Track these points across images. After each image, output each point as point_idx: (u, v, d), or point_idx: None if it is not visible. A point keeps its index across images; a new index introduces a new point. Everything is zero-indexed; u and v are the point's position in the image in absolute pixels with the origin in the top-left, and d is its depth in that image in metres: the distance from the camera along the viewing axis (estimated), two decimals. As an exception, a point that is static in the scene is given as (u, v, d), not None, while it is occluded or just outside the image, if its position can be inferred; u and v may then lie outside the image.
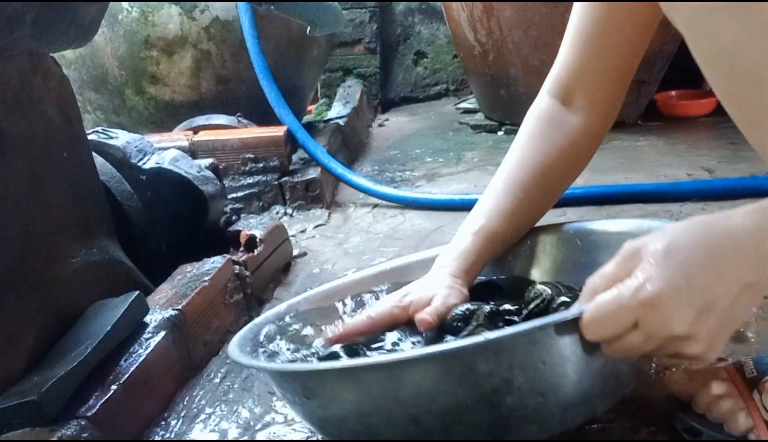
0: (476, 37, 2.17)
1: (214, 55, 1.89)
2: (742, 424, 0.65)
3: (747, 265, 0.55)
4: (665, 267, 0.55)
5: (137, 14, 1.86)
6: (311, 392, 0.64)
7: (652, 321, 0.55)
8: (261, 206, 1.63)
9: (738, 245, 0.56)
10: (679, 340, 0.55)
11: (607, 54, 0.80)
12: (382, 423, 0.62)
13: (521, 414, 0.60)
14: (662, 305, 0.54)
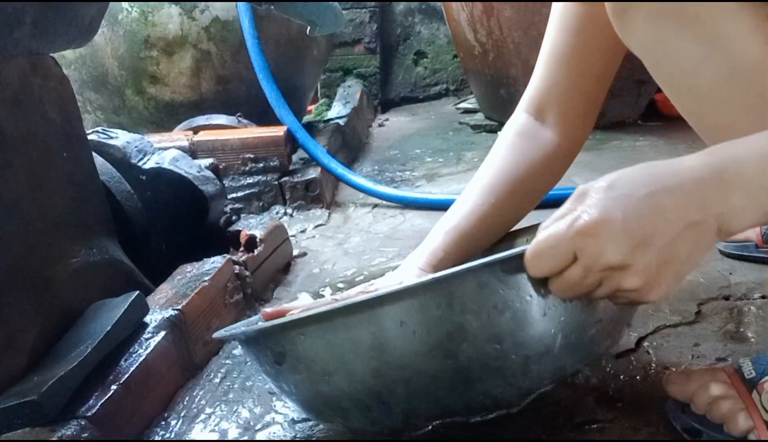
0: (476, 37, 2.17)
1: (214, 55, 1.89)
2: (742, 425, 0.65)
3: (691, 203, 0.55)
4: (605, 199, 0.55)
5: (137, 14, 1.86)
6: (280, 355, 0.65)
7: (589, 250, 0.55)
8: (261, 206, 1.63)
9: (682, 182, 0.55)
10: (616, 271, 0.55)
11: (578, 75, 0.84)
12: (345, 381, 0.62)
13: (481, 364, 0.60)
14: (597, 233, 0.54)
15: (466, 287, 0.58)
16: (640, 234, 0.54)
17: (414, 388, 0.61)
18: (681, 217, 0.55)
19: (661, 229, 0.54)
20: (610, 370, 0.82)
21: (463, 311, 0.58)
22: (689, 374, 0.72)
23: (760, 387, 0.66)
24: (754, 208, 0.55)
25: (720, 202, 0.55)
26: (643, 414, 0.74)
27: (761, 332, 0.87)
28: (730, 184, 0.54)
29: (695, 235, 0.55)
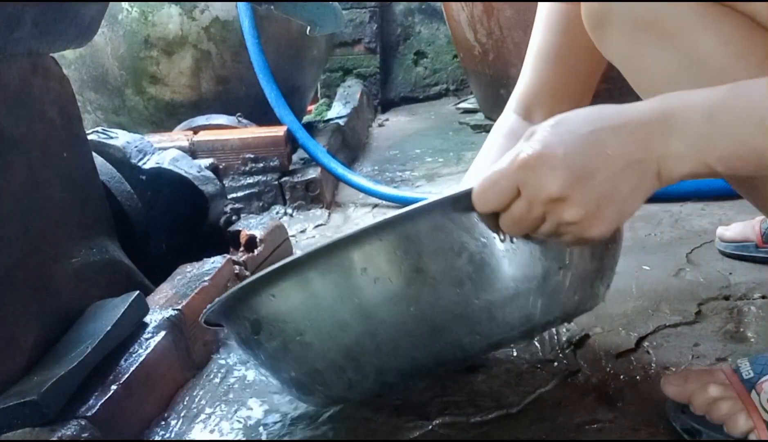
0: (476, 37, 2.17)
1: (214, 55, 1.89)
2: (742, 425, 0.65)
3: (633, 142, 0.55)
4: (549, 135, 0.56)
5: (137, 14, 1.86)
6: (256, 323, 0.66)
7: (530, 183, 0.55)
8: (261, 206, 1.63)
9: (627, 122, 0.56)
10: (556, 203, 0.55)
11: (565, 74, 0.85)
12: (316, 338, 0.63)
13: (443, 310, 0.60)
14: (537, 165, 0.55)
15: (420, 229, 0.59)
16: (581, 168, 0.55)
17: (381, 340, 0.61)
18: (623, 154, 0.55)
19: (602, 165, 0.55)
20: (610, 370, 0.82)
21: (420, 254, 0.59)
22: (687, 375, 0.72)
23: (759, 387, 0.66)
24: (693, 156, 0.55)
25: (662, 144, 0.55)
26: (643, 414, 0.74)
27: (761, 332, 0.87)
28: (673, 128, 0.55)
29: (637, 174, 0.56)
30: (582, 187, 0.55)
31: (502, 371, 0.84)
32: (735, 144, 0.54)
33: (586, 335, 0.91)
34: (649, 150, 0.55)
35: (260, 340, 0.67)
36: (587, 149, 0.55)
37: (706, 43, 0.62)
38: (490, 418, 0.76)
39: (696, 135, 0.55)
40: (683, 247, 1.16)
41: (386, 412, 0.79)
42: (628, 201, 0.57)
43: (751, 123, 0.54)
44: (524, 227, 0.58)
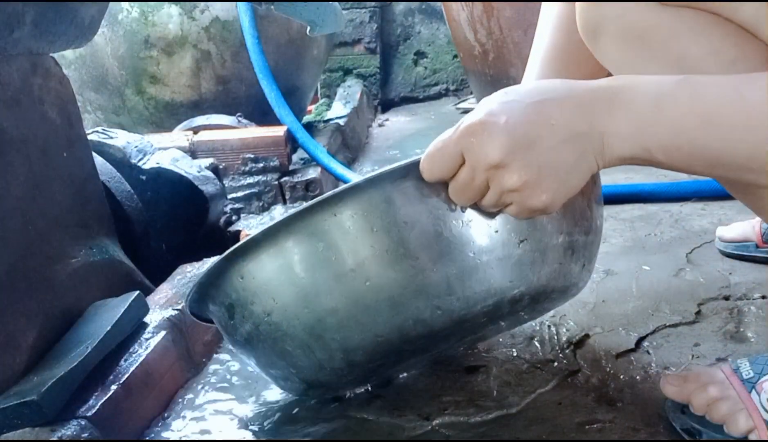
0: (476, 37, 2.17)
1: (214, 55, 1.89)
2: (742, 425, 0.65)
3: (579, 114, 0.56)
4: (494, 103, 0.57)
5: (137, 14, 1.86)
6: (230, 307, 0.68)
7: (472, 149, 0.56)
8: (261, 206, 1.63)
9: (574, 95, 0.57)
10: (498, 170, 0.56)
11: (569, 74, 0.84)
12: (282, 318, 0.64)
13: (399, 283, 0.60)
14: (480, 131, 0.56)
15: (372, 203, 0.60)
16: (523, 136, 0.55)
17: (342, 316, 0.62)
18: (567, 125, 0.56)
19: (545, 134, 0.55)
20: (610, 370, 0.82)
21: (372, 228, 0.60)
22: (687, 375, 0.72)
23: (759, 387, 0.66)
24: (634, 138, 0.56)
25: (606, 121, 0.56)
26: (643, 414, 0.74)
27: (761, 332, 0.87)
28: (619, 107, 0.55)
29: (579, 147, 0.56)
30: (523, 154, 0.55)
31: (502, 371, 0.84)
32: (676, 134, 0.55)
33: (586, 335, 0.91)
34: (593, 124, 0.56)
35: (236, 324, 0.68)
36: (531, 118, 0.56)
37: (696, 51, 0.62)
38: (490, 418, 0.76)
39: (640, 118, 0.55)
40: (683, 247, 1.16)
41: (386, 412, 0.79)
42: (571, 174, 0.57)
43: (694, 115, 0.54)
44: (469, 195, 0.59)
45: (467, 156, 0.57)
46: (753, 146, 0.53)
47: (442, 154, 0.58)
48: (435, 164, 0.59)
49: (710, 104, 0.54)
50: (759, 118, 0.52)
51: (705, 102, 0.54)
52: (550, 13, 0.83)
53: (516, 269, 0.63)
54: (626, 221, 1.31)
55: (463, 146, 0.57)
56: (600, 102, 0.56)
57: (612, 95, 0.56)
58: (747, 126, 0.53)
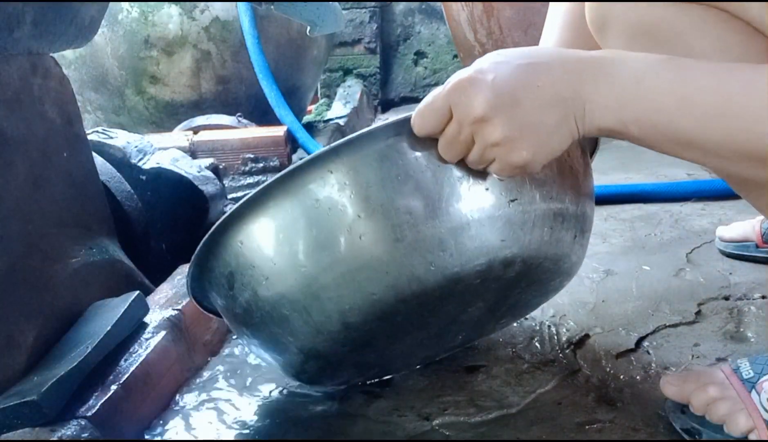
0: (476, 37, 2.17)
1: (214, 55, 1.89)
2: (742, 425, 0.65)
3: (565, 79, 0.57)
4: (484, 62, 0.59)
5: (137, 14, 1.86)
6: (230, 276, 0.69)
7: (459, 102, 0.58)
8: (261, 206, 1.63)
9: (563, 61, 0.58)
10: (482, 124, 0.57)
11: (582, 38, 0.83)
12: (280, 280, 0.65)
13: (393, 239, 0.61)
14: (467, 86, 0.57)
15: (366, 158, 0.61)
16: (509, 93, 0.57)
17: (337, 274, 0.63)
18: (552, 88, 0.57)
19: (530, 94, 0.57)
20: (610, 370, 0.82)
21: (368, 183, 0.61)
22: (686, 375, 0.72)
23: (759, 387, 0.66)
24: (614, 111, 0.57)
25: (591, 89, 0.57)
26: (643, 414, 0.74)
27: (761, 332, 0.87)
28: (604, 78, 0.57)
29: (562, 110, 0.57)
30: (507, 110, 0.57)
31: (502, 371, 0.84)
32: (653, 111, 0.56)
33: (586, 335, 0.91)
34: (577, 91, 0.57)
35: (235, 294, 0.69)
36: (518, 78, 0.57)
37: (703, 47, 0.62)
38: (490, 418, 0.76)
39: (621, 91, 0.57)
40: (683, 247, 1.16)
41: (386, 412, 0.79)
42: (552, 135, 0.58)
43: (673, 96, 0.55)
44: (456, 150, 0.60)
45: (454, 111, 0.58)
46: (724, 134, 0.55)
47: (431, 109, 0.59)
48: (425, 119, 0.60)
49: (690, 87, 0.55)
50: (733, 108, 0.54)
51: (685, 84, 0.55)
52: (558, 10, 0.83)
53: (507, 228, 0.64)
54: (626, 221, 1.31)
55: (451, 101, 0.58)
56: (587, 71, 0.57)
57: (599, 66, 0.58)
58: (720, 114, 0.54)
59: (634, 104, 0.57)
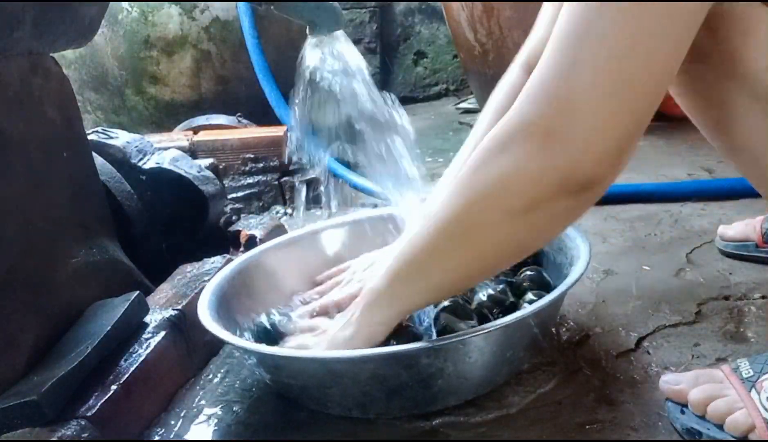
0: (476, 37, 2.17)
1: (214, 55, 1.89)
2: (742, 424, 0.65)
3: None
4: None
5: (137, 14, 1.86)
6: (283, 369, 0.80)
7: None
8: (261, 206, 1.63)
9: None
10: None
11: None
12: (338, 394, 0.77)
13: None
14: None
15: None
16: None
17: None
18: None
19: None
20: (610, 370, 0.82)
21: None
22: (686, 374, 0.72)
23: (759, 386, 0.66)
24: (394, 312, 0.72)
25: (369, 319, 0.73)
26: (643, 414, 0.74)
27: (761, 332, 0.87)
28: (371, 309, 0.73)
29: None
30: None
31: (502, 371, 0.84)
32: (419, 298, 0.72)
33: (586, 335, 0.91)
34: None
35: (276, 371, 0.83)
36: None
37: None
38: (490, 418, 0.76)
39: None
40: (683, 247, 1.16)
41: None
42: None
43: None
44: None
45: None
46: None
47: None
48: None
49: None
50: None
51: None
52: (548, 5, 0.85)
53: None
54: (626, 221, 1.31)
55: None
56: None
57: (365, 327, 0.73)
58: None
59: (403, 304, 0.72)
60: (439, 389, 0.75)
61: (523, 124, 0.57)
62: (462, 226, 0.63)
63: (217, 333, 0.80)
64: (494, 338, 0.75)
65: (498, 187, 0.59)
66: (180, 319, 0.90)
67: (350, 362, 0.74)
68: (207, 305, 0.85)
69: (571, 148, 0.55)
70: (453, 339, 0.72)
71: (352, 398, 0.77)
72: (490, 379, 0.79)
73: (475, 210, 0.61)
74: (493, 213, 0.60)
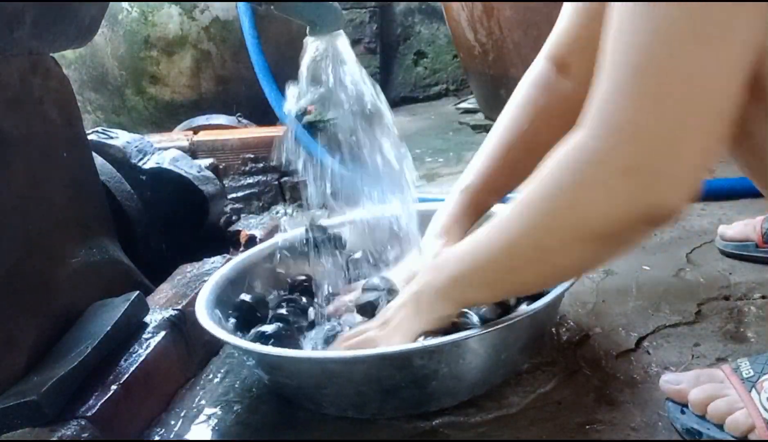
0: (476, 37, 2.17)
1: (214, 55, 1.89)
2: (742, 424, 0.65)
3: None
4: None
5: (137, 14, 1.86)
6: (280, 369, 0.80)
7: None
8: (261, 206, 1.63)
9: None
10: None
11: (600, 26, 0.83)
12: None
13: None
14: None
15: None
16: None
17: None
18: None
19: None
20: (610, 370, 0.82)
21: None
22: (686, 374, 0.72)
23: (759, 386, 0.66)
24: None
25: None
26: (643, 414, 0.74)
27: (761, 332, 0.87)
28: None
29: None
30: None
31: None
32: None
33: (586, 335, 0.91)
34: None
35: (273, 372, 0.83)
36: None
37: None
38: (490, 418, 0.76)
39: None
40: (683, 247, 1.16)
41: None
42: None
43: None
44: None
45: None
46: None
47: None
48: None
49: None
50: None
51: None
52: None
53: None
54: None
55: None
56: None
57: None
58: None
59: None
60: (434, 390, 0.75)
61: (597, 154, 0.55)
62: (531, 248, 0.63)
63: (215, 333, 0.80)
64: (488, 340, 0.75)
65: (572, 216, 0.58)
66: (180, 319, 0.90)
67: (344, 363, 0.75)
68: (205, 304, 0.85)
69: (655, 182, 0.53)
70: (447, 341, 0.72)
71: (347, 398, 0.77)
72: (486, 380, 0.79)
73: (546, 236, 0.61)
74: (565, 240, 0.60)
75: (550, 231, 0.61)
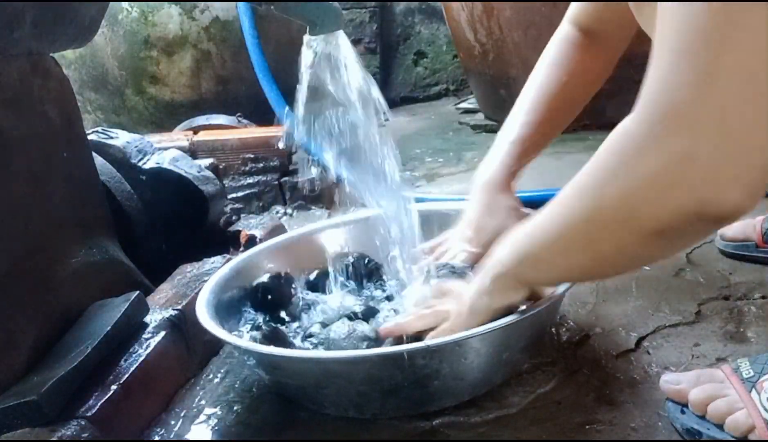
0: (476, 37, 2.17)
1: (214, 55, 1.89)
2: (742, 424, 0.65)
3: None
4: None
5: (137, 14, 1.86)
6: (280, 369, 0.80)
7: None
8: (261, 206, 1.63)
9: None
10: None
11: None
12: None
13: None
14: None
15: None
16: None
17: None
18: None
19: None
20: (610, 370, 0.82)
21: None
22: (686, 374, 0.72)
23: (759, 386, 0.66)
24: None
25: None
26: (643, 414, 0.74)
27: (761, 332, 0.87)
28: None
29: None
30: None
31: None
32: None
33: (586, 335, 0.91)
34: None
35: (273, 372, 0.83)
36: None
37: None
38: (490, 418, 0.76)
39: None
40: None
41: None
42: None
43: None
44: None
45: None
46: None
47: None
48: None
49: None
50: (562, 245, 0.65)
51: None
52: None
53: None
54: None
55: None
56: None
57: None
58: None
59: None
60: (436, 390, 0.75)
61: (650, 141, 0.52)
62: (588, 236, 0.61)
63: (215, 332, 0.80)
64: (490, 340, 0.75)
65: (629, 210, 0.55)
66: (180, 319, 0.90)
67: (345, 363, 0.75)
68: (205, 304, 0.85)
69: (716, 178, 0.50)
70: (449, 341, 0.72)
71: (348, 398, 0.77)
72: (488, 380, 0.79)
73: (603, 227, 0.59)
74: (623, 231, 0.57)
75: (606, 224, 0.58)
